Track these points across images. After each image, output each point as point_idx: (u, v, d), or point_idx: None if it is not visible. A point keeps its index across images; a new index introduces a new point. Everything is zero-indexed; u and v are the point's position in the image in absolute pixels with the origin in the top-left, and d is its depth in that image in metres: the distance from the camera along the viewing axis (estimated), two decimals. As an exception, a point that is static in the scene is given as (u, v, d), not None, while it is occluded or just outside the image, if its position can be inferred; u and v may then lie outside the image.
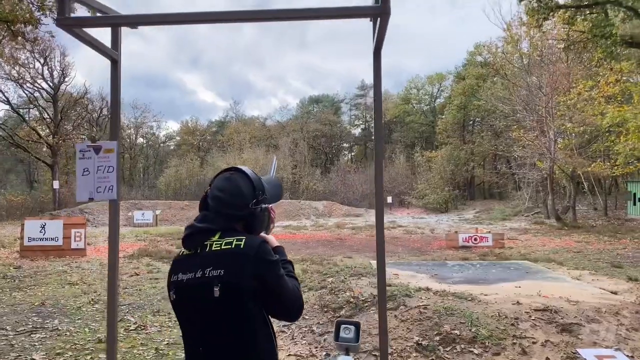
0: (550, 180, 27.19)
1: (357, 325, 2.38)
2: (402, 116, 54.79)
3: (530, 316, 5.68)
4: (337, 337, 2.31)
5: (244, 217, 1.75)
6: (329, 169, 51.94)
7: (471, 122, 50.95)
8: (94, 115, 48.22)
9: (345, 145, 64.37)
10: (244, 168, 1.82)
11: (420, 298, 6.37)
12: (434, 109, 56.90)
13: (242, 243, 1.63)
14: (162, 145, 62.69)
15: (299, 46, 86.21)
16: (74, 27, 1.72)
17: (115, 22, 1.90)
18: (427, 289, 6.92)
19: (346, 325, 2.38)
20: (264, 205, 1.79)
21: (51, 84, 39.92)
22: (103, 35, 2.07)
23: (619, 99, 23.66)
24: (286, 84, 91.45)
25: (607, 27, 17.19)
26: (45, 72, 39.46)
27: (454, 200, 41.17)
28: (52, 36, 16.17)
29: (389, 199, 37.82)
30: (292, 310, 1.72)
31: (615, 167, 25.13)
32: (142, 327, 6.47)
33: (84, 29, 1.78)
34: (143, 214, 29.77)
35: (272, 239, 1.87)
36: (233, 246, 1.63)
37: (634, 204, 28.64)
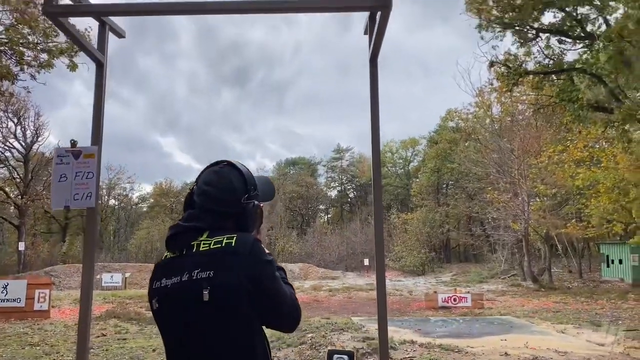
0: (525, 242, 27.39)
1: (351, 356, 2.19)
2: (377, 179, 55.38)
3: (520, 367, 5.46)
4: None
5: (235, 214, 1.58)
6: (305, 230, 51.56)
7: (445, 185, 51.77)
8: (66, 175, 47.37)
9: (321, 207, 64.35)
10: (233, 161, 1.66)
11: (406, 350, 6.10)
12: (409, 172, 57.84)
13: (234, 241, 1.47)
14: (134, 207, 61.72)
15: (276, 111, 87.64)
16: (60, 15, 1.63)
17: (104, 10, 1.81)
18: (412, 342, 6.65)
19: (339, 355, 2.20)
20: (256, 202, 1.63)
21: (23, 144, 39.38)
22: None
23: (587, 163, 24.43)
24: (264, 147, 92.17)
25: (574, 92, 17.95)
26: (18, 131, 39.01)
27: (430, 262, 41.00)
28: (29, 92, 16.02)
29: (366, 262, 37.52)
30: (289, 317, 1.55)
31: (588, 230, 25.56)
32: (108, 386, 6.01)
33: (71, 20, 1.70)
34: (112, 276, 28.75)
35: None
36: (223, 245, 1.46)
37: (607, 266, 28.91)
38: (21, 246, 34.70)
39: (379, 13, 1.68)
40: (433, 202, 47.58)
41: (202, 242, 1.49)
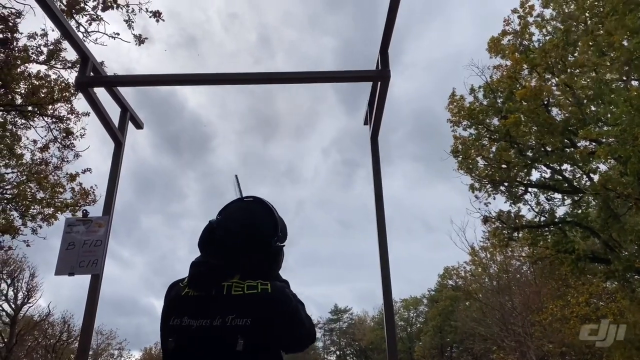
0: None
1: None
2: (378, 342, 53.05)
3: None
4: None
5: (264, 255, 1.54)
6: (301, 403, 47.91)
7: (449, 348, 49.42)
8: (51, 341, 45.25)
9: (319, 376, 60.61)
10: (262, 198, 1.63)
11: None
12: (411, 335, 55.59)
13: (269, 288, 1.43)
14: (121, 376, 57.82)
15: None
16: (90, 85, 1.81)
17: (129, 80, 2.00)
18: None
19: None
20: (282, 244, 1.60)
21: (13, 306, 38.32)
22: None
23: (593, 317, 23.65)
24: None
25: (569, 243, 18.17)
26: (10, 293, 38.21)
27: None
28: (28, 245, 16.16)
29: None
30: (306, 343, 1.55)
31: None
32: None
33: (97, 100, 1.88)
34: None
35: None
36: (259, 291, 1.42)
37: None
38: (-7, 420, 31.84)
39: (378, 89, 1.87)
40: (438, 367, 45.04)
41: (234, 285, 1.44)
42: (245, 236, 1.52)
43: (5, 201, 15.35)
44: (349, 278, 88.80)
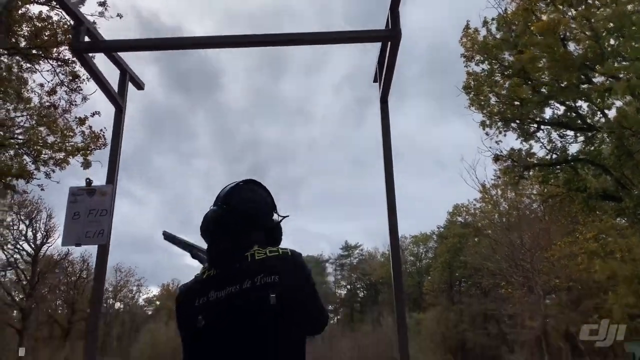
0: (544, 340, 26.17)
1: None
2: (387, 277, 54.33)
3: None
4: None
5: (271, 228, 1.64)
6: (314, 333, 49.78)
7: (458, 282, 50.57)
8: (72, 278, 46.88)
9: (330, 307, 62.53)
10: (255, 179, 1.70)
11: None
12: (420, 270, 56.74)
13: (289, 252, 1.53)
14: (140, 310, 60.22)
15: (291, 207, 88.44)
16: (85, 51, 1.73)
17: (123, 45, 1.91)
18: None
19: None
20: (283, 216, 1.69)
21: (33, 245, 39.39)
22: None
23: (601, 254, 23.87)
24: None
25: (580, 181, 18.06)
26: (29, 233, 39.18)
27: (447, 366, 39.03)
28: (42, 189, 16.33)
29: (379, 365, 35.87)
30: (321, 322, 1.61)
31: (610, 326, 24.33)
32: None
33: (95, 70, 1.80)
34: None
35: None
36: (280, 253, 1.51)
37: (635, 365, 27.26)
38: (21, 352, 33.49)
39: (388, 48, 1.77)
40: (446, 300, 46.21)
41: (256, 252, 1.50)
42: (254, 211, 1.60)
43: (17, 145, 15.41)
44: (360, 215, 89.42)
